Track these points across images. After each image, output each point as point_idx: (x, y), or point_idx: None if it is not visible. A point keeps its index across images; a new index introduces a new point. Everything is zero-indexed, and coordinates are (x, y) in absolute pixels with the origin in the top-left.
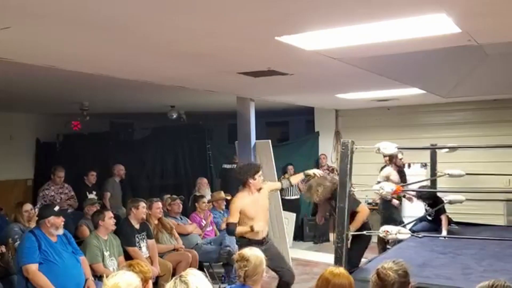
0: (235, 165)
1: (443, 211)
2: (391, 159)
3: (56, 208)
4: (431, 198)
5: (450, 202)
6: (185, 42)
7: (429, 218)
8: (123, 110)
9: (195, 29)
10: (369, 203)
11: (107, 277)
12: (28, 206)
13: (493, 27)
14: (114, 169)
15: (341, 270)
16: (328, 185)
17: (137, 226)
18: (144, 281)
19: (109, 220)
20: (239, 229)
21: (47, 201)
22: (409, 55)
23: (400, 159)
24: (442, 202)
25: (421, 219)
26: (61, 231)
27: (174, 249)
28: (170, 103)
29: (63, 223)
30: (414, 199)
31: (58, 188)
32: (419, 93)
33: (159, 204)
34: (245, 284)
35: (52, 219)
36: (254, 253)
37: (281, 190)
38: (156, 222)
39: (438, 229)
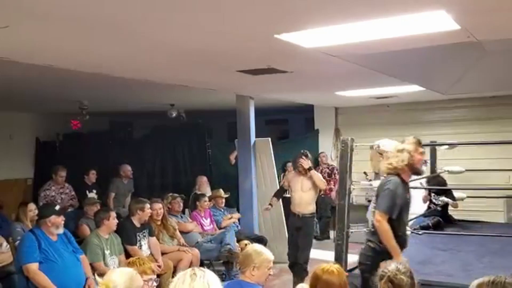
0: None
1: None
2: None
3: (57, 207)
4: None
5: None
6: (184, 41)
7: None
8: (123, 109)
9: (194, 27)
10: (369, 201)
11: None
12: (32, 206)
13: (493, 24)
14: (120, 169)
15: (334, 267)
16: None
17: (138, 224)
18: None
19: (113, 220)
20: None
21: (48, 201)
22: (409, 52)
23: None
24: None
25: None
26: (61, 230)
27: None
28: (169, 101)
29: (63, 222)
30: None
31: (59, 188)
32: (418, 90)
33: (159, 205)
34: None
35: (53, 218)
36: (253, 245)
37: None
38: (158, 222)
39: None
